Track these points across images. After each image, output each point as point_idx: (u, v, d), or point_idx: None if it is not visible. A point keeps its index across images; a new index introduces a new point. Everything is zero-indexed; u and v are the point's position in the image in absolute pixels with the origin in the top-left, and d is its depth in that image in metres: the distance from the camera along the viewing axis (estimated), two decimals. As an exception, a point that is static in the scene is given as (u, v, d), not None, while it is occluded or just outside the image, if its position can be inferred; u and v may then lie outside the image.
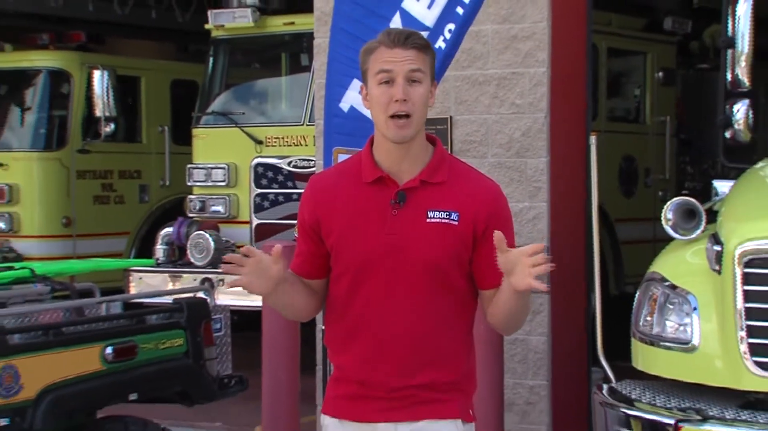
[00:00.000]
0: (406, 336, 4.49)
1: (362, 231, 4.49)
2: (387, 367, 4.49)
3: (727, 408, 6.10)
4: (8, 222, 14.78)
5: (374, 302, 4.50)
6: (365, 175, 4.53)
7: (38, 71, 15.49)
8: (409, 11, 7.21)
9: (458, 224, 4.44)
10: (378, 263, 4.48)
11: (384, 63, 4.42)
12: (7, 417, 6.55)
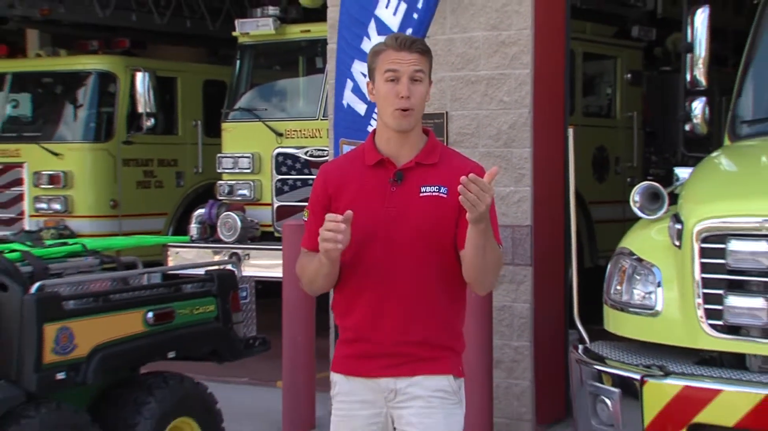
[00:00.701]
0: (404, 295, 4.54)
1: (365, 206, 4.54)
2: (387, 324, 4.54)
3: (685, 365, 6.11)
4: (63, 204, 14.79)
5: (376, 267, 4.55)
6: (368, 159, 4.62)
7: (89, 73, 15.45)
8: (381, 17, 7.35)
9: (447, 196, 4.51)
10: (379, 233, 4.54)
11: (391, 63, 4.51)
12: (63, 372, 6.60)
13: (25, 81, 16.11)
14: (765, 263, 5.84)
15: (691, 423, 5.88)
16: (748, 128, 7.28)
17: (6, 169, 15.31)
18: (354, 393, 4.65)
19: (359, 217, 4.47)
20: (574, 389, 6.66)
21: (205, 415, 7.54)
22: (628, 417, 6.07)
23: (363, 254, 4.56)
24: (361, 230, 4.50)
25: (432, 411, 4.54)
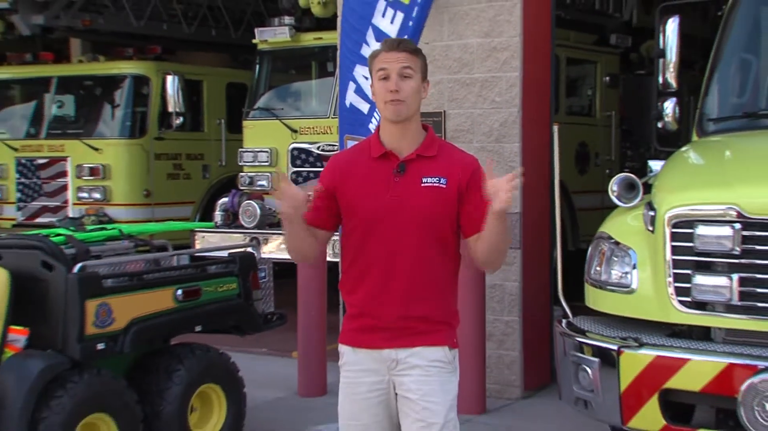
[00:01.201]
0: (406, 276, 4.56)
1: (371, 195, 4.58)
2: (390, 301, 4.57)
3: (657, 337, 6.10)
4: (102, 193, 14.84)
5: (380, 250, 4.57)
6: (373, 152, 4.64)
7: (125, 77, 15.44)
8: (378, 26, 7.36)
9: (446, 186, 4.55)
10: (383, 220, 4.56)
11: (382, 63, 4.56)
12: (103, 342, 6.67)
13: (69, 84, 16.09)
14: (728, 246, 5.83)
15: (663, 389, 5.88)
16: (713, 126, 7.27)
17: (52, 162, 15.33)
18: (360, 363, 4.67)
19: (365, 203, 4.57)
20: (558, 359, 6.66)
21: (229, 381, 7.57)
22: (606, 383, 6.07)
23: (369, 237, 4.59)
24: (366, 215, 4.58)
25: (429, 378, 4.57)
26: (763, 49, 7.58)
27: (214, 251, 8.18)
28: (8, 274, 6.53)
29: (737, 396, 5.56)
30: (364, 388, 4.66)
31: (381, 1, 7.40)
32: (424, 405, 4.55)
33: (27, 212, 15.49)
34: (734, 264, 5.87)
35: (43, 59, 16.47)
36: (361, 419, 4.69)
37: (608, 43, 14.02)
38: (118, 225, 8.33)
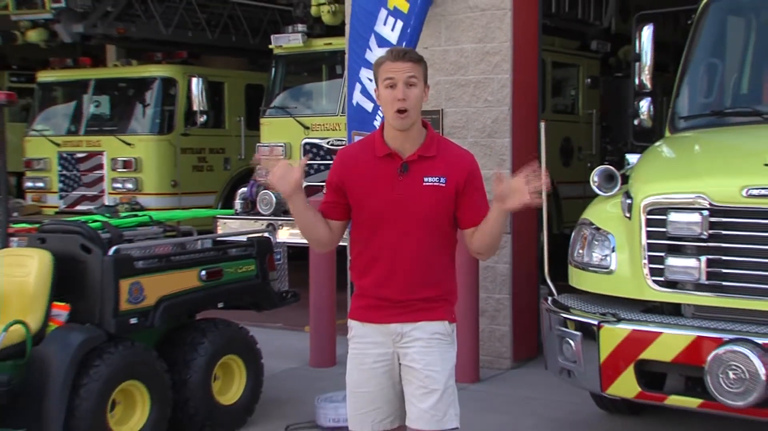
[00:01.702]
0: (409, 265, 4.56)
1: (377, 191, 4.56)
2: (395, 286, 4.57)
3: (633, 313, 6.11)
4: (134, 184, 14.91)
5: (386, 243, 4.57)
6: (378, 151, 4.60)
7: (154, 79, 15.47)
8: (380, 33, 7.35)
9: (445, 185, 4.52)
10: (389, 215, 4.55)
11: (389, 72, 4.50)
12: (135, 317, 6.69)
13: (105, 86, 16.10)
14: (697, 231, 5.84)
15: (638, 359, 5.90)
16: (684, 123, 7.27)
17: (90, 156, 15.37)
18: (367, 336, 4.67)
19: (372, 200, 4.57)
20: (545, 333, 6.67)
21: (248, 353, 7.56)
22: (588, 355, 6.08)
23: (376, 230, 4.60)
24: (374, 211, 4.58)
25: (431, 349, 4.57)
26: (727, 55, 7.58)
27: (234, 236, 8.14)
28: (51, 256, 6.54)
29: (704, 365, 5.56)
30: (371, 359, 4.66)
31: (383, 10, 7.40)
32: (427, 373, 4.56)
33: (68, 201, 15.53)
34: (702, 247, 5.88)
35: (82, 64, 16.50)
36: (367, 387, 4.68)
37: (589, 48, 14.04)
38: (148, 212, 8.31)
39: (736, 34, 7.57)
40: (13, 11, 16.01)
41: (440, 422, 4.57)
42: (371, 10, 7.48)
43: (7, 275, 6.53)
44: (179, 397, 6.98)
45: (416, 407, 4.59)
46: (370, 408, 4.70)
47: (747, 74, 7.45)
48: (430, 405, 4.56)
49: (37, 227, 7.20)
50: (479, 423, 7.25)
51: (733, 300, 5.83)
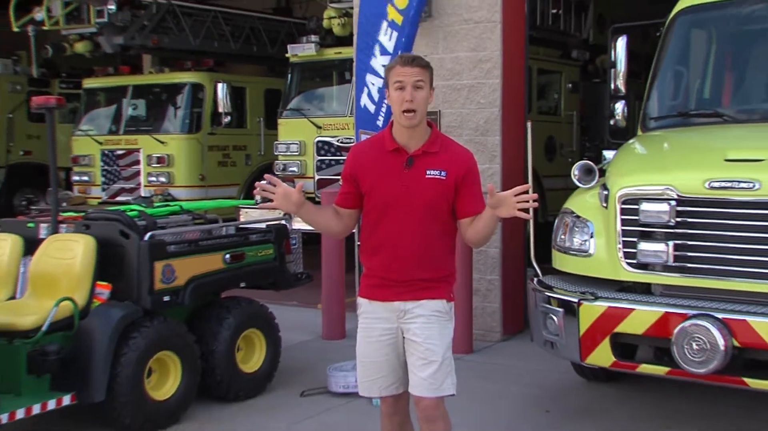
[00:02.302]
0: (412, 248, 4.56)
1: (385, 182, 4.56)
2: (399, 267, 4.58)
3: (609, 291, 6.09)
4: (167, 177, 14.92)
5: (392, 228, 4.57)
6: (387, 146, 4.60)
7: (185, 84, 15.45)
8: (381, 42, 7.36)
9: (446, 178, 4.52)
10: (395, 204, 4.55)
11: (399, 76, 4.50)
12: (168, 295, 6.72)
13: (141, 90, 16.08)
14: (665, 219, 5.83)
15: (613, 332, 5.88)
16: (654, 123, 7.25)
17: (128, 153, 15.37)
18: (374, 312, 4.68)
19: (380, 189, 4.58)
20: (531, 309, 6.65)
21: (267, 327, 7.58)
22: (569, 329, 6.07)
23: (383, 217, 4.60)
24: (382, 199, 4.59)
25: (431, 325, 4.58)
26: (691, 63, 7.56)
27: (254, 224, 8.14)
28: (95, 241, 6.55)
29: (671, 337, 5.56)
30: (377, 332, 4.68)
31: (384, 22, 7.40)
32: (426, 346, 4.57)
33: (109, 193, 15.54)
34: (670, 233, 5.86)
35: (122, 71, 16.50)
36: (374, 357, 4.70)
37: (570, 57, 14.01)
38: (179, 202, 8.32)
39: (699, 45, 7.55)
40: (63, 26, 16.13)
41: (437, 390, 4.59)
42: (375, 21, 7.48)
43: (57, 258, 6.56)
44: (207, 366, 7.00)
45: (417, 376, 4.61)
46: (377, 376, 4.72)
47: (709, 81, 7.43)
48: (429, 374, 4.57)
49: (82, 215, 7.21)
50: (473, 389, 7.26)
51: (696, 280, 5.82)
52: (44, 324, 6.09)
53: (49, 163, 7.21)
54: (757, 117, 6.92)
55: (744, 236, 5.64)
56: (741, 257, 5.66)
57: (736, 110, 7.08)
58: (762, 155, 5.82)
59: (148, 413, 6.45)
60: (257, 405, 7.19)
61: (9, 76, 18.55)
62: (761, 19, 7.26)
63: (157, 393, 6.58)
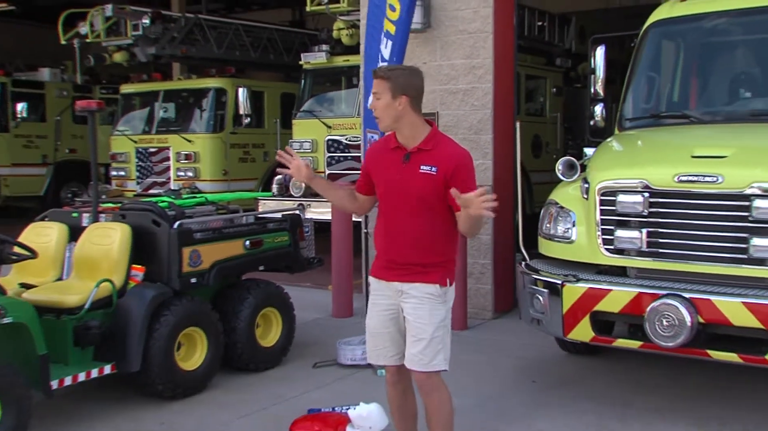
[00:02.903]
0: (406, 235, 4.58)
1: (388, 174, 4.62)
2: (398, 250, 4.61)
3: (589, 274, 6.08)
4: (194, 172, 14.92)
5: (393, 214, 4.61)
6: (390, 145, 4.66)
7: (209, 89, 15.46)
8: (381, 51, 7.42)
9: (436, 173, 4.50)
10: (394, 193, 4.59)
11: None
12: (194, 278, 6.73)
13: (171, 95, 16.10)
14: (639, 209, 5.82)
15: (593, 310, 5.89)
16: (629, 123, 7.24)
17: (160, 151, 15.40)
18: (380, 290, 4.73)
19: (384, 181, 4.64)
20: (519, 290, 6.65)
21: (283, 306, 7.58)
22: (553, 307, 6.08)
23: (386, 206, 4.65)
24: (385, 190, 4.64)
25: (422, 306, 4.57)
26: (662, 70, 7.54)
27: (271, 213, 8.15)
28: (130, 229, 6.56)
29: (644, 315, 5.58)
30: (382, 308, 4.71)
31: (382, 34, 7.40)
32: (416, 325, 4.58)
33: (142, 186, 15.55)
34: (643, 222, 5.86)
35: (154, 78, 16.52)
36: (378, 329, 4.74)
37: (555, 64, 13.99)
38: (204, 195, 8.32)
39: (669, 54, 7.54)
40: (104, 38, 16.30)
41: (427, 365, 4.59)
42: (376, 34, 7.48)
43: (98, 244, 6.57)
44: (229, 340, 7.02)
45: (409, 351, 4.64)
46: (381, 347, 4.76)
47: (677, 86, 7.42)
48: (418, 350, 4.58)
49: (119, 206, 7.21)
50: (468, 361, 7.27)
51: (667, 264, 5.82)
52: (87, 302, 6.13)
53: (90, 160, 7.23)
54: (720, 118, 6.92)
55: (708, 224, 5.65)
56: (706, 244, 5.67)
57: (701, 112, 7.07)
58: (724, 152, 5.82)
59: (178, 381, 6.47)
60: (274, 376, 7.20)
61: (57, 83, 18.67)
62: (723, 32, 7.26)
63: (186, 364, 6.60)
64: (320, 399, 6.47)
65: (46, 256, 6.62)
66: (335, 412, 5.94)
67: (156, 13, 16.31)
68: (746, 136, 6.38)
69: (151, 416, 6.23)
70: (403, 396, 4.88)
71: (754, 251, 5.49)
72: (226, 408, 6.36)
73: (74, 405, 6.47)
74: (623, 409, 6.25)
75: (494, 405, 6.37)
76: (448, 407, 4.74)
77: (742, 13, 7.02)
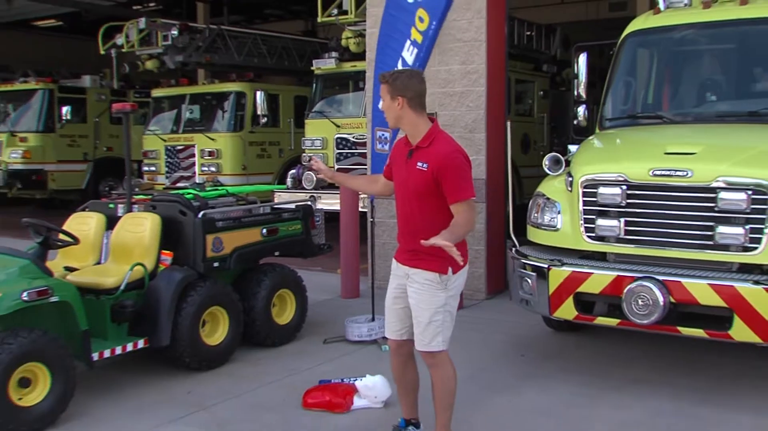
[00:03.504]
0: (409, 224, 4.60)
1: (398, 167, 4.67)
2: (405, 236, 4.64)
3: (573, 259, 6.08)
4: (216, 167, 14.92)
5: (401, 204, 4.65)
6: (403, 140, 4.69)
7: (230, 92, 15.44)
8: (404, 57, 7.29)
9: (426, 169, 4.46)
10: (401, 186, 4.62)
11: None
12: (217, 262, 6.73)
13: (196, 98, 16.07)
14: (618, 200, 5.82)
15: (576, 292, 5.89)
16: (609, 123, 7.22)
17: (186, 148, 15.40)
18: (396, 270, 4.77)
19: (396, 174, 4.69)
20: (510, 273, 6.64)
21: (297, 288, 7.57)
22: (540, 289, 6.07)
23: (396, 195, 4.69)
24: (396, 182, 4.70)
25: (422, 291, 4.56)
26: (638, 76, 7.52)
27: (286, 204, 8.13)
28: (160, 218, 6.59)
29: (621, 295, 5.59)
30: (394, 286, 4.77)
31: (408, 41, 7.33)
32: (416, 308, 4.60)
33: (171, 180, 15.55)
34: (622, 212, 5.86)
35: (181, 83, 16.51)
36: (390, 305, 4.80)
37: (541, 70, 13.96)
38: (225, 187, 8.31)
39: (644, 61, 7.52)
40: (137, 48, 16.54)
41: (426, 345, 4.60)
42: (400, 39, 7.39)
43: (131, 232, 6.59)
44: (248, 319, 7.02)
45: (414, 331, 4.67)
46: (389, 320, 4.80)
47: (651, 90, 7.41)
48: (419, 331, 4.61)
49: (150, 198, 7.21)
50: (464, 338, 7.26)
51: (642, 250, 5.82)
52: (122, 283, 6.15)
53: (125, 156, 7.24)
54: (689, 119, 6.91)
55: (679, 214, 5.65)
56: (677, 231, 5.67)
57: (673, 113, 7.06)
58: (694, 149, 5.82)
59: (203, 355, 6.49)
60: (288, 350, 7.21)
61: (96, 88, 18.81)
62: (691, 42, 7.25)
63: (210, 340, 6.61)
64: (330, 371, 6.48)
65: (86, 242, 6.64)
66: (344, 383, 5.95)
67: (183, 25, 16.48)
68: (713, 135, 6.37)
69: (178, 385, 6.25)
70: (404, 368, 4.88)
71: (719, 238, 5.50)
72: (245, 379, 6.38)
73: (112, 375, 6.50)
74: (603, 380, 6.25)
75: (487, 376, 6.38)
76: (451, 384, 4.70)
77: (708, 25, 7.01)
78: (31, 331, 5.26)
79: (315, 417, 5.56)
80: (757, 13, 6.79)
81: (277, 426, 5.41)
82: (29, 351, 5.18)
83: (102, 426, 5.44)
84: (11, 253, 5.68)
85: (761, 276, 5.40)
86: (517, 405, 5.76)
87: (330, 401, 5.67)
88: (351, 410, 5.64)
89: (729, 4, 7.05)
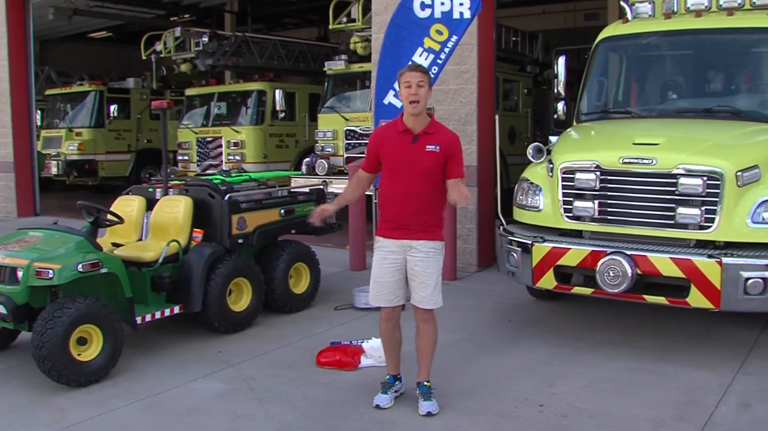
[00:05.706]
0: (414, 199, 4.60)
1: (397, 154, 4.62)
2: (405, 213, 4.62)
3: (553, 236, 6.07)
4: (241, 156, 14.85)
5: (401, 185, 4.62)
6: (398, 128, 4.65)
7: (253, 91, 15.35)
8: (414, 61, 7.17)
9: (439, 151, 4.54)
10: (403, 168, 4.60)
11: (407, 78, 4.58)
12: (241, 239, 6.74)
13: (223, 96, 15.98)
14: (592, 185, 5.80)
15: (556, 265, 5.89)
16: (585, 117, 7.19)
17: (214, 140, 15.31)
18: (387, 247, 4.72)
19: (393, 159, 4.63)
20: (498, 249, 6.63)
21: (311, 262, 7.55)
22: (525, 262, 6.06)
23: (395, 179, 4.64)
24: (394, 166, 4.63)
25: (428, 258, 4.64)
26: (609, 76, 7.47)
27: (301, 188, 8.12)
28: (192, 200, 6.58)
29: (595, 268, 5.60)
30: (389, 261, 4.72)
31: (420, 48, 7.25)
32: (425, 273, 4.64)
33: (201, 167, 15.48)
34: (596, 195, 5.85)
35: (211, 83, 16.49)
36: (385, 278, 4.75)
37: (526, 70, 13.87)
38: (249, 173, 8.30)
39: (614, 64, 7.48)
40: (173, 53, 16.61)
41: (435, 304, 4.70)
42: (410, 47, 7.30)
43: (167, 213, 6.58)
44: (269, 288, 7.02)
45: (419, 294, 4.69)
46: (386, 292, 4.77)
47: (621, 88, 7.37)
48: (428, 293, 4.65)
49: (183, 183, 7.21)
50: (457, 305, 7.28)
51: (614, 228, 5.81)
52: (160, 257, 6.16)
53: (162, 147, 7.24)
54: (654, 114, 6.88)
55: (645, 197, 5.65)
56: (643, 212, 5.67)
57: (640, 109, 7.03)
58: (658, 140, 5.82)
59: (230, 320, 6.50)
60: (304, 316, 7.21)
61: (138, 89, 19.00)
62: (656, 48, 7.23)
63: (235, 307, 6.62)
64: (340, 334, 6.49)
65: (129, 222, 6.64)
66: (352, 344, 5.97)
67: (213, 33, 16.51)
68: (674, 128, 6.35)
69: (209, 346, 6.27)
70: (393, 331, 4.92)
71: (680, 218, 5.52)
72: (267, 341, 6.39)
73: (153, 336, 6.52)
74: (578, 341, 6.26)
75: (478, 339, 6.38)
76: (437, 335, 4.85)
77: (669, 33, 7.03)
78: (85, 297, 5.37)
79: (327, 373, 5.59)
80: (710, 24, 6.83)
81: (295, 381, 5.44)
82: (84, 314, 5.28)
83: (146, 379, 5.49)
84: (68, 231, 5.77)
85: (714, 251, 5.43)
86: (504, 363, 5.77)
87: (340, 360, 5.69)
88: (359, 368, 5.66)
89: (686, 16, 7.09)
